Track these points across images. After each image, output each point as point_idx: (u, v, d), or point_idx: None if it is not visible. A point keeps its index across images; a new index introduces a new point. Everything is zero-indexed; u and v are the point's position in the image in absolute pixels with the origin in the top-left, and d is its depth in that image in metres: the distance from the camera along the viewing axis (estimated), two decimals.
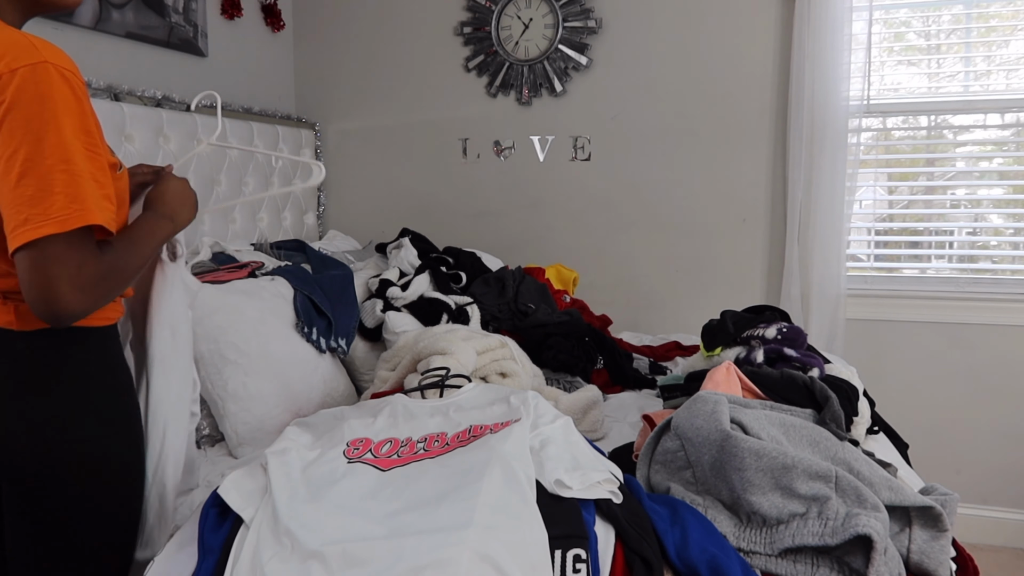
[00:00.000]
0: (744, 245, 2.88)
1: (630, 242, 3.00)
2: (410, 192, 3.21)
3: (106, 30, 2.26)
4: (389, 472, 1.17)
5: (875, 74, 2.69)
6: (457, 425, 1.31)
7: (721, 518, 1.24)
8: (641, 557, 1.09)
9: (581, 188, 3.02)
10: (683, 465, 1.34)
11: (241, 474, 1.16)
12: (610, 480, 1.20)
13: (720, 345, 1.91)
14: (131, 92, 2.24)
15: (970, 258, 2.82)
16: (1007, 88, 2.70)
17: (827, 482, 1.21)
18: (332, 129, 3.26)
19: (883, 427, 1.91)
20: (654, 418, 1.55)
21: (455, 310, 2.32)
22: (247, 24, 2.95)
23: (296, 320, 2.01)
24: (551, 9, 2.95)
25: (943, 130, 2.80)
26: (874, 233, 2.87)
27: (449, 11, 3.08)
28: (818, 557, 1.15)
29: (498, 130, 3.09)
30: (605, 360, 2.34)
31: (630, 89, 2.93)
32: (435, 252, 2.60)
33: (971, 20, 2.72)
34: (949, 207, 2.81)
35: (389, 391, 1.66)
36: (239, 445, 1.78)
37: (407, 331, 2.05)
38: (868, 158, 2.82)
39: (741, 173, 2.85)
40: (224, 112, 2.66)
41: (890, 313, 2.79)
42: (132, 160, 2.19)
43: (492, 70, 3.05)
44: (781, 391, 1.57)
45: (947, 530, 1.21)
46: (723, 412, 1.32)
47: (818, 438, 1.37)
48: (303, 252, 2.49)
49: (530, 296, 2.50)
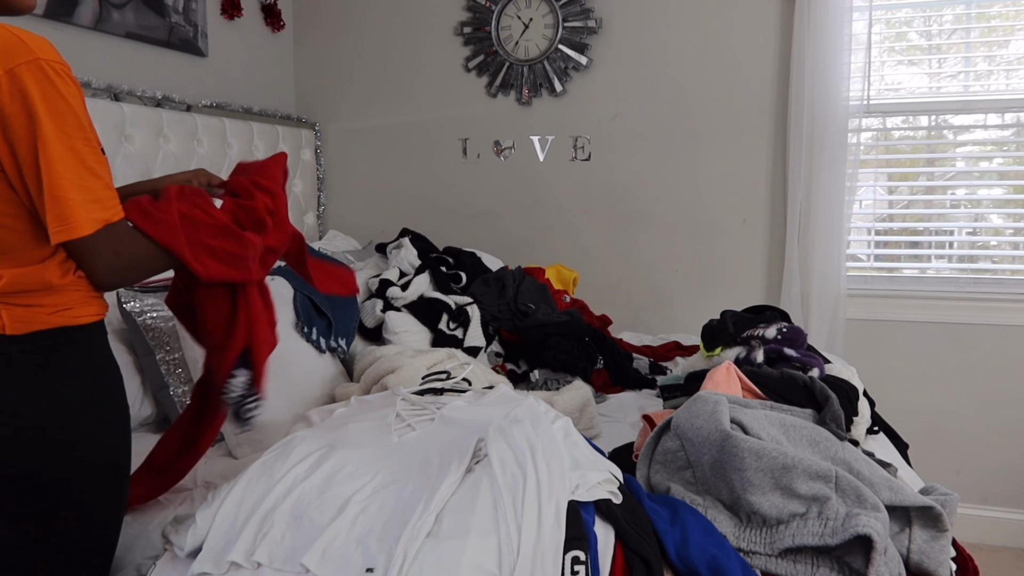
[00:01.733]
0: (744, 245, 2.88)
1: (630, 242, 2.99)
2: (410, 192, 3.21)
3: (106, 30, 2.26)
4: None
5: (875, 74, 2.68)
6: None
7: (721, 518, 1.24)
8: (641, 557, 1.09)
9: (581, 188, 3.02)
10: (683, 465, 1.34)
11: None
12: (610, 480, 1.20)
13: (720, 345, 1.91)
14: (131, 92, 2.24)
15: (970, 258, 2.82)
16: (1007, 88, 2.70)
17: (827, 482, 1.21)
18: (332, 129, 3.26)
19: (883, 427, 1.91)
20: (654, 418, 1.55)
21: (455, 310, 2.32)
22: (247, 24, 2.95)
23: (296, 320, 2.01)
24: (551, 9, 2.95)
25: (943, 130, 2.80)
26: (874, 233, 2.87)
27: (449, 11, 3.08)
28: (818, 557, 1.15)
29: (498, 130, 3.09)
30: (605, 360, 2.34)
31: (630, 89, 2.93)
32: (435, 252, 2.60)
33: (972, 20, 2.72)
34: (949, 207, 2.81)
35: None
36: (239, 445, 1.78)
37: (373, 351, 2.09)
38: (868, 158, 2.82)
39: (741, 173, 2.85)
40: (224, 112, 2.66)
41: (890, 313, 2.79)
42: (132, 160, 2.19)
43: (492, 70, 3.05)
44: (781, 391, 1.57)
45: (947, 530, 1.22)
46: (723, 412, 1.32)
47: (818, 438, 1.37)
48: None
49: (530, 296, 2.50)
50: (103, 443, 1.16)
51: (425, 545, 1.03)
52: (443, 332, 2.26)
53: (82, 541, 1.16)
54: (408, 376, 1.75)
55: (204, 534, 1.15)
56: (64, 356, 1.12)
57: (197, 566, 1.10)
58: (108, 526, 1.20)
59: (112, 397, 1.19)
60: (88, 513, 1.15)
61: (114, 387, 1.20)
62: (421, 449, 1.28)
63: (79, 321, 1.13)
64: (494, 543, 1.02)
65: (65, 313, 1.11)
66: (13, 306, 1.07)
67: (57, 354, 1.11)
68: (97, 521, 1.17)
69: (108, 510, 1.19)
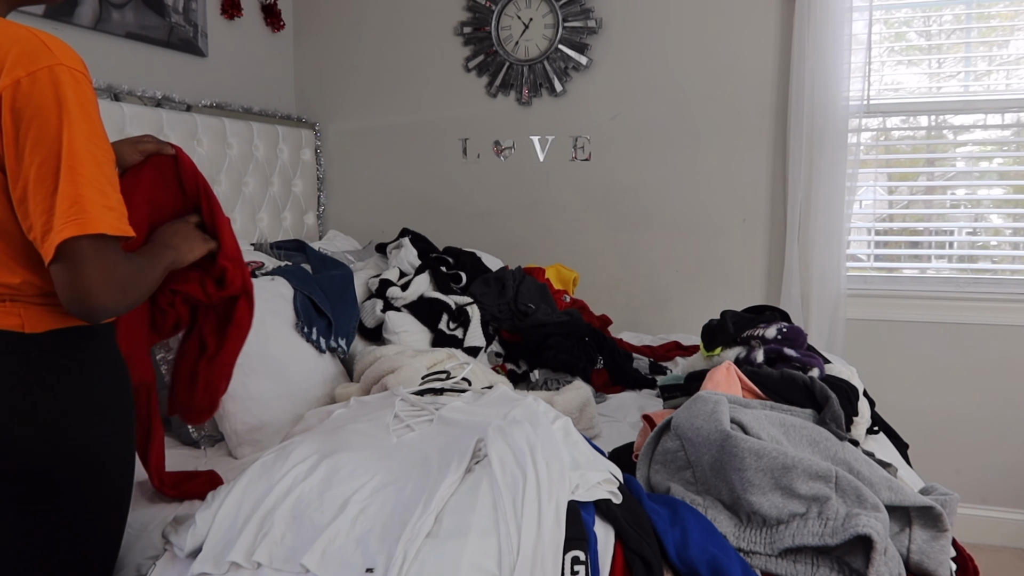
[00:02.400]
0: (744, 245, 2.88)
1: (630, 242, 2.99)
2: (410, 192, 3.21)
3: (106, 30, 2.26)
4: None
5: (875, 74, 2.68)
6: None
7: (721, 518, 1.24)
8: (641, 557, 1.09)
9: (581, 188, 3.02)
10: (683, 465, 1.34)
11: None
12: (610, 480, 1.20)
13: (720, 345, 1.91)
14: (131, 92, 2.24)
15: (970, 258, 2.82)
16: (1007, 88, 2.70)
17: (827, 482, 1.21)
18: (332, 129, 3.26)
19: (883, 427, 1.91)
20: (654, 418, 1.55)
21: (455, 310, 2.32)
22: (247, 24, 2.95)
23: (296, 320, 2.01)
24: (551, 9, 2.95)
25: (943, 130, 2.80)
26: (874, 233, 2.87)
27: (449, 11, 3.08)
28: (818, 557, 1.15)
29: (498, 130, 3.09)
30: (605, 360, 2.34)
31: (630, 89, 2.93)
32: (435, 252, 2.60)
33: (972, 20, 2.72)
34: (949, 207, 2.81)
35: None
36: (239, 445, 1.78)
37: (374, 351, 2.10)
38: (868, 158, 2.82)
39: (741, 173, 2.85)
40: (224, 112, 2.66)
41: (890, 313, 2.79)
42: None
43: (492, 70, 3.05)
44: (781, 391, 1.57)
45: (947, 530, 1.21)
46: (723, 412, 1.32)
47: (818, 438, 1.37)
48: (303, 252, 2.49)
49: (530, 296, 2.50)
50: (114, 443, 1.17)
51: (425, 545, 1.03)
52: (443, 332, 2.26)
53: (89, 540, 1.17)
54: (408, 376, 1.75)
55: (204, 534, 1.15)
56: (80, 355, 1.13)
57: (197, 566, 1.11)
58: (115, 525, 1.22)
59: (123, 397, 1.20)
60: (97, 513, 1.16)
61: (125, 387, 1.21)
62: (420, 450, 1.28)
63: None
64: (494, 543, 1.02)
65: None
66: (30, 305, 1.09)
67: (73, 353, 1.12)
68: (104, 520, 1.19)
69: (115, 510, 1.21)
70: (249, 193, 2.74)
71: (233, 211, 2.67)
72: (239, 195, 2.70)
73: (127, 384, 1.22)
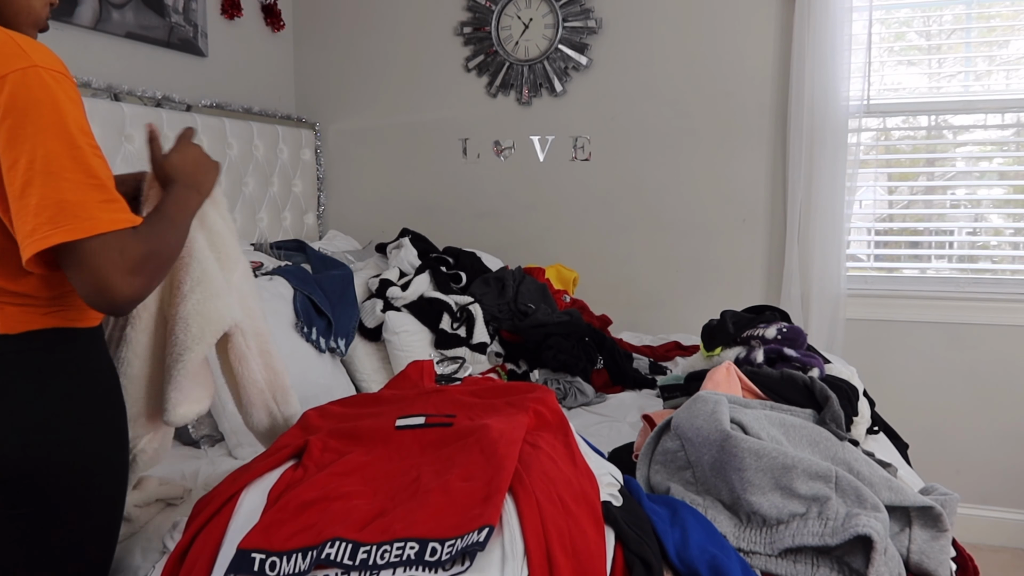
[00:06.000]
0: (744, 245, 2.88)
1: (630, 242, 2.99)
2: (410, 192, 3.21)
3: (106, 30, 2.26)
4: None
5: (875, 74, 2.68)
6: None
7: (721, 518, 1.24)
8: (641, 558, 1.08)
9: (581, 188, 3.02)
10: (683, 465, 1.34)
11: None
12: (610, 483, 1.20)
13: (720, 345, 1.91)
14: (131, 92, 2.24)
15: (970, 258, 2.82)
16: (1007, 88, 2.70)
17: (827, 482, 1.21)
18: (332, 129, 3.26)
19: (883, 427, 1.91)
20: (654, 418, 1.55)
21: (457, 310, 2.32)
22: (247, 24, 2.95)
23: (296, 320, 2.01)
24: (551, 9, 2.95)
25: (943, 130, 2.80)
26: (874, 233, 2.87)
27: (449, 11, 3.08)
28: (818, 557, 1.15)
29: (498, 130, 3.09)
30: (605, 360, 2.34)
31: (630, 89, 2.93)
32: (435, 252, 2.60)
33: (971, 20, 2.72)
34: (949, 207, 2.81)
35: None
36: (239, 445, 1.78)
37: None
38: (868, 158, 2.82)
39: (741, 173, 2.85)
40: (224, 112, 2.66)
41: (890, 313, 2.79)
42: (132, 161, 2.19)
43: (492, 70, 3.05)
44: (781, 391, 1.57)
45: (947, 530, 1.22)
46: (723, 412, 1.32)
47: (818, 438, 1.37)
48: (303, 252, 2.49)
49: (530, 296, 2.50)
50: (97, 444, 1.14)
51: None
52: (445, 332, 2.25)
53: (79, 543, 1.15)
54: None
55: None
56: (59, 357, 1.11)
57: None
58: (105, 528, 1.19)
59: (108, 398, 1.18)
60: (86, 515, 1.14)
61: (109, 388, 1.18)
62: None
63: (75, 324, 1.13)
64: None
65: (60, 314, 1.11)
66: (8, 305, 1.07)
67: (52, 354, 1.10)
68: (94, 523, 1.16)
69: (105, 512, 1.18)
70: (249, 193, 2.74)
71: (233, 211, 2.67)
72: (239, 195, 2.70)
73: (112, 385, 1.19)
